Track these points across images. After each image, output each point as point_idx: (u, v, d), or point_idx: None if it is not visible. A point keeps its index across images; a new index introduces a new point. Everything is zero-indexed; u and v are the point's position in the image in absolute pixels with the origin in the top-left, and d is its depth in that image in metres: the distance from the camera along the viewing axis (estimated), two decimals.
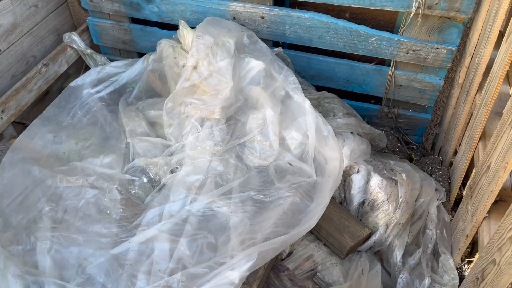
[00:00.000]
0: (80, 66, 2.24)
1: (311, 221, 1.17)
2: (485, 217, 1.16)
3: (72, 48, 2.11)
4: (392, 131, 2.07)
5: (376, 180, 1.35)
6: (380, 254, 1.42)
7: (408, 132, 2.08)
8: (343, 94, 1.95)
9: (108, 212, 1.33)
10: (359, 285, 1.21)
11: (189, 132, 1.44)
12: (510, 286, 0.89)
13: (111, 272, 1.17)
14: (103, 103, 1.84)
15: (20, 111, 1.92)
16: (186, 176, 1.33)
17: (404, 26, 1.69)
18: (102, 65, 2.06)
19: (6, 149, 1.64)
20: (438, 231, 1.41)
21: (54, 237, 1.25)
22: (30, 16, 1.94)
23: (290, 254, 1.27)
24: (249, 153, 1.43)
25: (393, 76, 1.87)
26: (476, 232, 1.24)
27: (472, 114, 1.46)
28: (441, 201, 1.51)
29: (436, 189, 1.52)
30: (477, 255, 1.18)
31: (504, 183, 1.07)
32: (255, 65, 1.55)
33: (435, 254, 1.40)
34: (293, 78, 1.57)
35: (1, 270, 1.19)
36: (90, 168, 1.47)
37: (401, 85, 1.89)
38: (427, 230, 1.42)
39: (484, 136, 1.36)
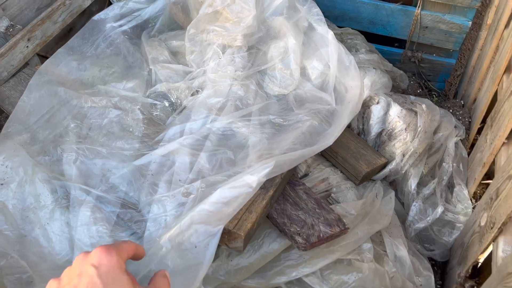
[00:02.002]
0: (103, 4, 2.26)
1: (329, 141, 1.20)
2: (504, 143, 1.17)
3: None
4: (414, 77, 2.05)
5: (395, 110, 1.36)
6: (395, 185, 1.45)
7: (430, 78, 2.07)
8: (366, 36, 1.93)
9: (130, 130, 1.38)
10: (373, 207, 1.25)
11: (210, 58, 1.46)
12: None
13: (133, 182, 1.23)
14: (126, 36, 1.87)
15: (45, 42, 1.96)
16: (207, 98, 1.37)
17: None
18: (125, 0, 2.08)
19: (33, 73, 1.70)
20: (454, 164, 1.42)
21: (80, 149, 1.31)
22: None
23: (306, 175, 1.31)
24: (270, 81, 1.45)
25: (419, 16, 1.84)
26: (493, 162, 1.25)
27: (497, 48, 1.45)
28: (460, 137, 1.52)
29: (455, 126, 1.53)
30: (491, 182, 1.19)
31: None
32: None
33: (450, 187, 1.42)
34: (316, 10, 1.57)
35: (29, 176, 1.26)
36: (113, 91, 1.51)
37: (426, 27, 1.87)
38: (443, 163, 1.43)
39: (509, 69, 1.35)
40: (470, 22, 1.78)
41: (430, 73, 2.04)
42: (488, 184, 1.26)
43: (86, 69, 1.71)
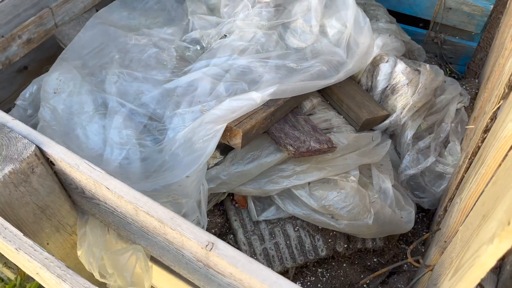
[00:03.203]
0: None
1: (332, 80, 1.39)
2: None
3: None
4: (435, 58, 2.18)
5: (400, 66, 1.53)
6: (394, 139, 1.60)
7: (452, 61, 2.19)
8: (392, 16, 2.09)
9: (164, 63, 1.63)
10: (367, 145, 1.42)
11: (241, 11, 1.69)
12: None
13: (161, 101, 1.47)
14: None
15: None
16: (232, 41, 1.59)
17: None
18: None
19: (89, 18, 2.00)
20: (453, 124, 1.56)
21: (121, 73, 1.57)
22: None
23: (310, 114, 1.50)
24: (290, 34, 1.65)
25: None
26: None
27: None
28: (463, 104, 1.65)
29: (461, 94, 1.66)
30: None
31: None
32: None
33: (446, 144, 1.56)
34: None
35: (77, 89, 1.53)
36: (155, 34, 1.77)
37: (450, 8, 2.00)
38: (443, 123, 1.58)
39: None
40: (492, 6, 1.91)
41: (452, 55, 2.17)
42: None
43: (135, 18, 1.99)
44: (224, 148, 1.36)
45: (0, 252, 1.07)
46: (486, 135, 1.05)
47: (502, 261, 0.98)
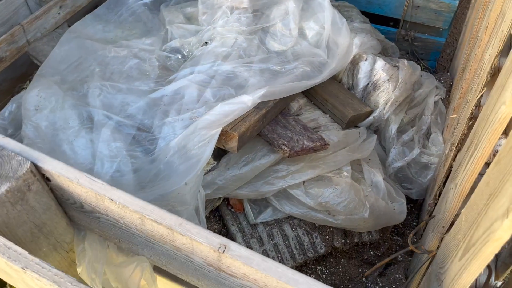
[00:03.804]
0: None
1: (317, 80, 1.42)
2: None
3: None
4: (407, 55, 2.26)
5: (380, 63, 1.58)
6: (379, 134, 1.65)
7: (423, 57, 2.28)
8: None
9: (147, 73, 1.62)
10: (355, 141, 1.45)
11: (220, 17, 1.71)
12: None
13: (148, 111, 1.46)
14: (146, 8, 2.13)
15: (75, 12, 2.24)
16: (214, 48, 1.60)
17: None
18: None
19: (63, 33, 1.97)
20: (433, 116, 1.62)
21: (103, 86, 1.55)
22: None
23: (298, 115, 1.52)
24: (271, 38, 1.68)
25: None
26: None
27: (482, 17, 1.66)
28: (440, 96, 1.72)
29: (436, 87, 1.73)
30: None
31: None
32: None
33: (428, 136, 1.62)
34: None
35: (59, 104, 1.50)
36: (134, 45, 1.76)
37: (418, 6, 2.09)
38: (423, 116, 1.64)
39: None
40: (458, 2, 2.00)
41: (422, 51, 2.25)
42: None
43: (110, 31, 1.97)
44: (217, 154, 1.37)
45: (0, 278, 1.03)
46: (471, 122, 1.09)
47: None
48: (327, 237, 1.37)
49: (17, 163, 0.96)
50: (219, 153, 1.36)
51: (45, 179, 1.01)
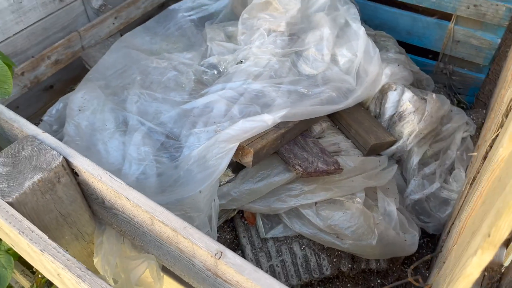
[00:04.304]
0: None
1: (341, 106, 1.47)
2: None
3: None
4: (444, 88, 2.25)
5: (407, 95, 1.60)
6: (401, 164, 1.66)
7: (460, 91, 2.26)
8: (402, 47, 2.17)
9: (183, 86, 1.73)
10: (373, 168, 1.48)
11: (256, 38, 1.80)
12: None
13: (178, 120, 1.56)
14: (192, 24, 2.27)
15: (128, 23, 2.42)
16: (248, 67, 1.69)
17: None
18: None
19: (114, 41, 2.13)
20: (458, 152, 1.61)
21: (141, 93, 1.67)
22: None
23: (319, 138, 1.57)
24: (303, 62, 1.74)
25: (452, 30, 2.07)
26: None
27: None
28: (469, 133, 1.70)
29: (467, 123, 1.72)
30: None
31: None
32: None
33: (451, 171, 1.61)
34: (354, 10, 1.86)
35: (100, 107, 1.63)
36: (175, 58, 1.89)
37: (459, 41, 2.09)
38: (448, 150, 1.63)
39: None
40: (499, 39, 1.98)
41: (460, 86, 2.23)
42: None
43: (156, 43, 2.11)
44: (236, 167, 1.44)
45: (21, 255, 1.15)
46: (485, 161, 1.10)
47: (498, 283, 1.02)
48: (334, 260, 1.40)
49: (51, 156, 1.08)
50: (238, 167, 1.43)
51: (74, 173, 1.12)
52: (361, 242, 1.32)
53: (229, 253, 0.90)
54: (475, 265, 0.62)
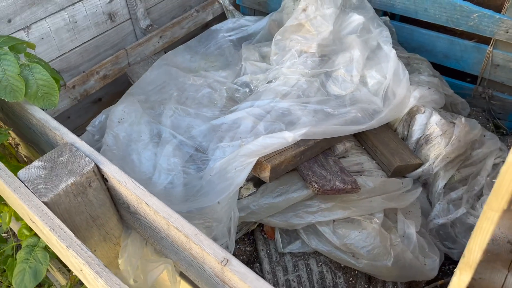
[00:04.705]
0: (221, 19, 2.84)
1: (363, 126, 1.49)
2: None
3: (219, 3, 2.71)
4: (483, 113, 2.20)
5: (435, 118, 1.59)
6: (427, 188, 1.64)
7: (500, 116, 2.19)
8: (440, 70, 2.15)
9: (215, 102, 1.83)
10: (395, 190, 1.48)
11: (288, 59, 1.86)
12: None
13: (207, 135, 1.65)
14: (231, 44, 2.38)
15: (172, 42, 2.57)
16: (277, 86, 1.76)
17: (507, 5, 1.87)
18: (237, 17, 2.61)
19: (157, 59, 2.28)
20: (488, 178, 1.58)
21: (176, 108, 1.78)
22: None
23: (343, 157, 1.59)
24: (332, 83, 1.79)
25: (491, 54, 2.03)
26: None
27: None
28: (502, 159, 1.66)
29: (500, 149, 1.68)
30: None
31: None
32: (356, 19, 1.91)
33: (479, 197, 1.58)
34: (387, 33, 1.88)
35: (137, 119, 1.76)
36: (210, 76, 1.99)
37: (498, 65, 2.05)
38: (478, 176, 1.60)
39: None
40: None
41: (500, 111, 2.17)
42: None
43: (195, 61, 2.24)
44: (257, 181, 1.49)
45: (54, 252, 1.26)
46: None
47: None
48: (350, 279, 1.40)
49: (85, 163, 1.19)
50: (259, 181, 1.48)
51: (104, 179, 1.22)
52: (376, 263, 1.33)
53: (234, 261, 0.95)
54: (455, 285, 0.64)
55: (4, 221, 1.69)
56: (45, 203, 1.11)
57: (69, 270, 1.79)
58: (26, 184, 1.14)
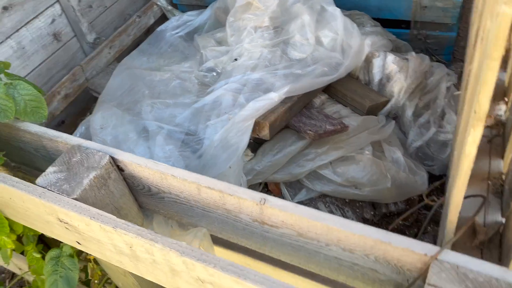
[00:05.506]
0: (163, 22, 2.91)
1: (334, 76, 1.66)
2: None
3: (157, 5, 2.79)
4: (422, 52, 2.46)
5: (390, 58, 1.80)
6: (397, 121, 1.85)
7: (437, 52, 2.47)
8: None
9: (189, 90, 1.92)
10: (374, 125, 1.66)
11: (246, 37, 2.00)
12: None
13: (193, 119, 1.74)
14: (182, 39, 2.48)
15: (122, 51, 2.61)
16: (243, 62, 1.88)
17: None
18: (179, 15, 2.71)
19: (115, 68, 2.32)
20: (446, 100, 1.81)
21: (154, 103, 1.86)
22: None
23: (321, 109, 1.75)
24: (292, 49, 1.95)
25: None
26: None
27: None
28: (452, 82, 1.91)
29: (448, 74, 1.92)
30: None
31: None
32: None
33: (443, 117, 1.80)
34: None
35: (120, 121, 1.81)
36: (175, 69, 2.08)
37: (425, 7, 2.30)
38: (437, 100, 1.83)
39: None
40: None
41: (436, 47, 2.44)
42: None
43: (154, 61, 2.31)
44: (253, 147, 1.62)
45: (87, 251, 1.31)
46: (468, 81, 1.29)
47: (504, 183, 1.21)
48: (357, 210, 1.57)
49: (99, 157, 1.25)
50: (255, 147, 1.61)
51: (120, 169, 1.28)
52: (377, 187, 1.50)
53: (271, 198, 1.07)
54: (471, 142, 0.81)
55: (4, 256, 1.67)
56: (75, 199, 1.16)
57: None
58: (50, 189, 1.18)
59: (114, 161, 1.27)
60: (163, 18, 2.88)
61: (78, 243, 1.28)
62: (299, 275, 1.10)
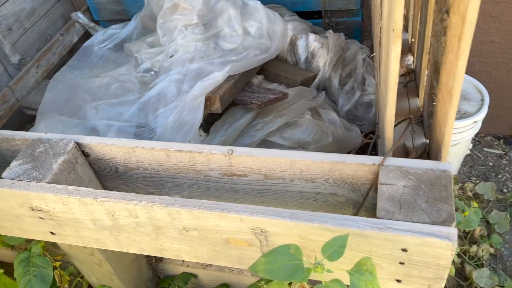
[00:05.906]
0: (87, 39, 2.94)
1: (267, 55, 1.85)
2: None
3: (79, 23, 2.82)
4: None
5: (312, 37, 2.03)
6: (326, 92, 2.08)
7: (349, 36, 2.77)
8: None
9: (131, 89, 2.00)
10: (308, 95, 1.87)
11: (178, 35, 2.13)
12: None
13: (140, 113, 1.82)
14: (111, 50, 2.54)
15: (49, 69, 2.61)
16: (180, 56, 2.01)
17: None
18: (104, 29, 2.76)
19: (47, 84, 2.32)
20: (364, 68, 2.08)
21: (98, 105, 1.91)
22: (44, 2, 2.66)
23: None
24: (223, 41, 2.11)
25: None
26: None
27: None
28: (366, 54, 2.19)
29: (361, 47, 2.20)
30: None
31: None
32: None
33: (364, 83, 2.07)
34: None
35: (67, 126, 1.84)
36: (112, 74, 2.14)
37: None
38: (356, 70, 2.09)
39: None
40: None
41: (347, 31, 2.75)
42: None
43: (87, 73, 2.34)
44: (205, 127, 1.74)
45: (64, 239, 1.32)
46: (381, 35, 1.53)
47: (421, 118, 1.45)
48: None
49: (64, 144, 1.29)
50: (206, 127, 1.73)
51: (85, 155, 1.34)
52: (321, 144, 1.69)
53: (238, 148, 1.20)
54: (394, 58, 1.01)
55: None
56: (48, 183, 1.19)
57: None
58: (18, 179, 1.20)
59: (79, 146, 1.32)
60: (86, 35, 2.91)
61: (52, 233, 1.31)
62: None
